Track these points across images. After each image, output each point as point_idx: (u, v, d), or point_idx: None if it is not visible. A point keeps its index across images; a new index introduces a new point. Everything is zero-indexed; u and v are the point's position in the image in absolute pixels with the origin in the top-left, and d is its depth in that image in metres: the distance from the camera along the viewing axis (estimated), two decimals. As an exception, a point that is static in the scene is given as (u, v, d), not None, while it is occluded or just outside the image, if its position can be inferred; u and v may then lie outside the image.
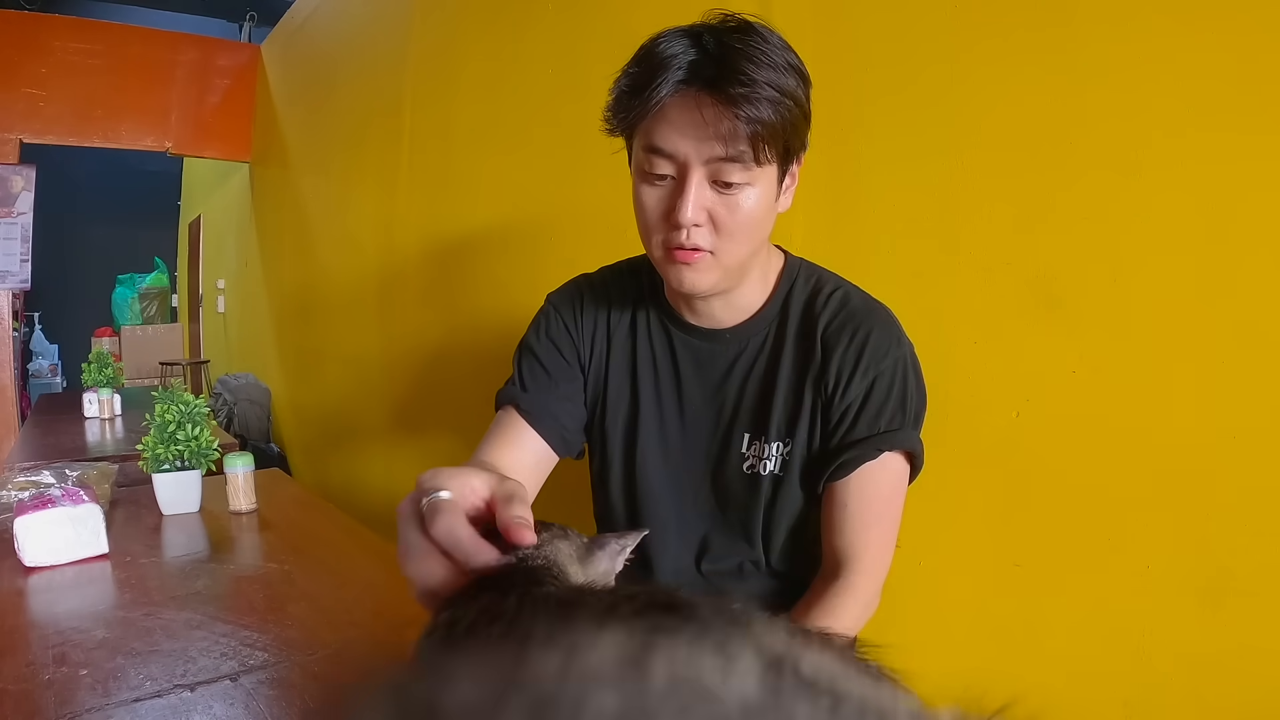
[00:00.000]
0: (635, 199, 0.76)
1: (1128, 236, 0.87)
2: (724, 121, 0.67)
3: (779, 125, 0.68)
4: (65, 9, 4.02)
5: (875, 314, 0.82)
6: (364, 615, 0.89)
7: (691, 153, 0.69)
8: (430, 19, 2.34)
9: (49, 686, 0.70)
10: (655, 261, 0.78)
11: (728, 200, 0.72)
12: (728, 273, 0.76)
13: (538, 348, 0.89)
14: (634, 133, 0.74)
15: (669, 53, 0.68)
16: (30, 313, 6.29)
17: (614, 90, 0.73)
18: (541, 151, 1.82)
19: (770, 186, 0.74)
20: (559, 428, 0.86)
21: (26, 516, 1.00)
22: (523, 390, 0.87)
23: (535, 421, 0.85)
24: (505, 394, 0.88)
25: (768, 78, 0.67)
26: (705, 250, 0.73)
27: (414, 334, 2.43)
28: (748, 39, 0.68)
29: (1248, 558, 0.79)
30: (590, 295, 0.91)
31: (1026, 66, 0.95)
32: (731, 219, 0.72)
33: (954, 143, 1.02)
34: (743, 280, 0.81)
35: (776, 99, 0.67)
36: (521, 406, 0.85)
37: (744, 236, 0.74)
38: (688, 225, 0.71)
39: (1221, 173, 0.80)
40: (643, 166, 0.73)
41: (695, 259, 0.74)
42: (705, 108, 0.67)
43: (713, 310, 0.84)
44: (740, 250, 0.75)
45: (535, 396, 0.86)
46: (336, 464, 3.18)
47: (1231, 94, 0.79)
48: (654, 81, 0.68)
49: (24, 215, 3.47)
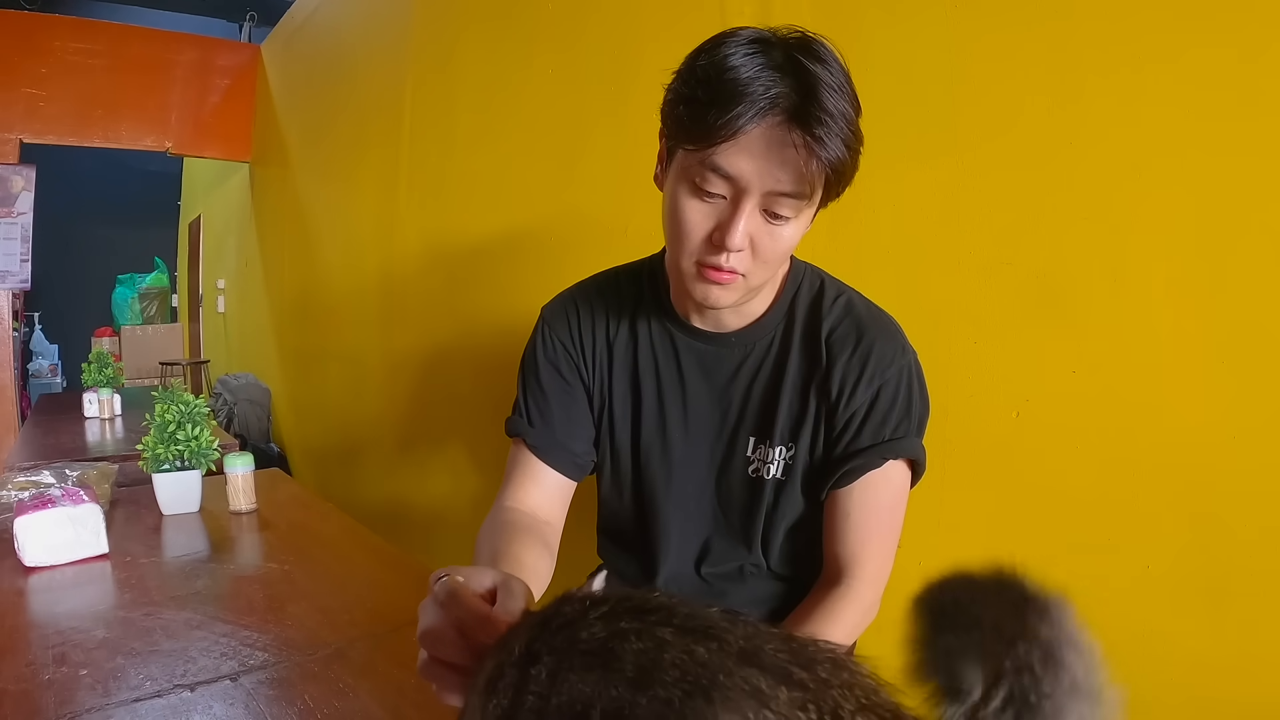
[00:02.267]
0: (673, 207, 0.73)
1: (1128, 236, 0.87)
2: (801, 159, 0.65)
3: (849, 165, 0.68)
4: (65, 9, 4.02)
5: (879, 322, 0.82)
6: (364, 615, 0.88)
7: (755, 182, 0.67)
8: (430, 19, 2.34)
9: (49, 686, 0.70)
10: (681, 273, 0.76)
11: (773, 231, 0.70)
12: (751, 291, 0.77)
13: (540, 371, 0.89)
14: (692, 144, 0.69)
15: (748, 75, 0.64)
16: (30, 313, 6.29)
17: (682, 101, 0.69)
18: (541, 151, 1.82)
19: (808, 220, 0.73)
20: (570, 456, 0.88)
21: (26, 516, 1.00)
22: (529, 425, 0.88)
23: (545, 456, 0.87)
24: (514, 426, 0.89)
25: (843, 112, 0.66)
26: (740, 274, 0.73)
27: (414, 334, 2.43)
28: (827, 67, 0.66)
29: (1248, 558, 0.79)
30: (585, 306, 0.90)
31: (1027, 67, 0.95)
32: (773, 248, 0.71)
33: (954, 143, 1.02)
34: (757, 293, 0.81)
35: (850, 138, 0.67)
36: (529, 442, 0.87)
37: (778, 262, 0.74)
38: (733, 249, 0.70)
39: (1221, 172, 0.80)
40: (694, 180, 0.69)
41: (725, 280, 0.72)
42: (786, 146, 0.65)
43: (721, 316, 0.83)
44: (769, 273, 0.75)
45: (541, 431, 0.87)
46: (336, 464, 3.18)
47: (1232, 94, 0.79)
48: (735, 107, 0.64)
49: (24, 215, 3.47)
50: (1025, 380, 0.96)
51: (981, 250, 1.00)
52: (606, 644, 0.29)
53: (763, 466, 0.83)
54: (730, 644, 0.28)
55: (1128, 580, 0.88)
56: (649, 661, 0.27)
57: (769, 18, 1.25)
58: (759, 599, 0.88)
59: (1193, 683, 0.83)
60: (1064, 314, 0.92)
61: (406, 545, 1.92)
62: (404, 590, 0.98)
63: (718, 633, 0.28)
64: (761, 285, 0.77)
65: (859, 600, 0.79)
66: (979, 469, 1.01)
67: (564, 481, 0.88)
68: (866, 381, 0.79)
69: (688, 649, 0.27)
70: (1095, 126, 0.89)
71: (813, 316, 0.83)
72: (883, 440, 0.79)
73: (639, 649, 0.28)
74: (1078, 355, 0.91)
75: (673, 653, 0.27)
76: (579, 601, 0.34)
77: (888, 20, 1.10)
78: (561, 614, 0.34)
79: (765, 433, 0.83)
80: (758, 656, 0.27)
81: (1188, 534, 0.83)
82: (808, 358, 0.82)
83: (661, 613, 0.30)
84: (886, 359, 0.79)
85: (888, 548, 0.82)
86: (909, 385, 0.80)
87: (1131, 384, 0.87)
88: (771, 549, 0.85)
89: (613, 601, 0.32)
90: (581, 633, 0.31)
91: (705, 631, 0.28)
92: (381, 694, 0.70)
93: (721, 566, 0.88)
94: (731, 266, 0.71)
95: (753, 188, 0.67)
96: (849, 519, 0.80)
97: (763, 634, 0.28)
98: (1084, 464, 0.91)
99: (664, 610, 0.30)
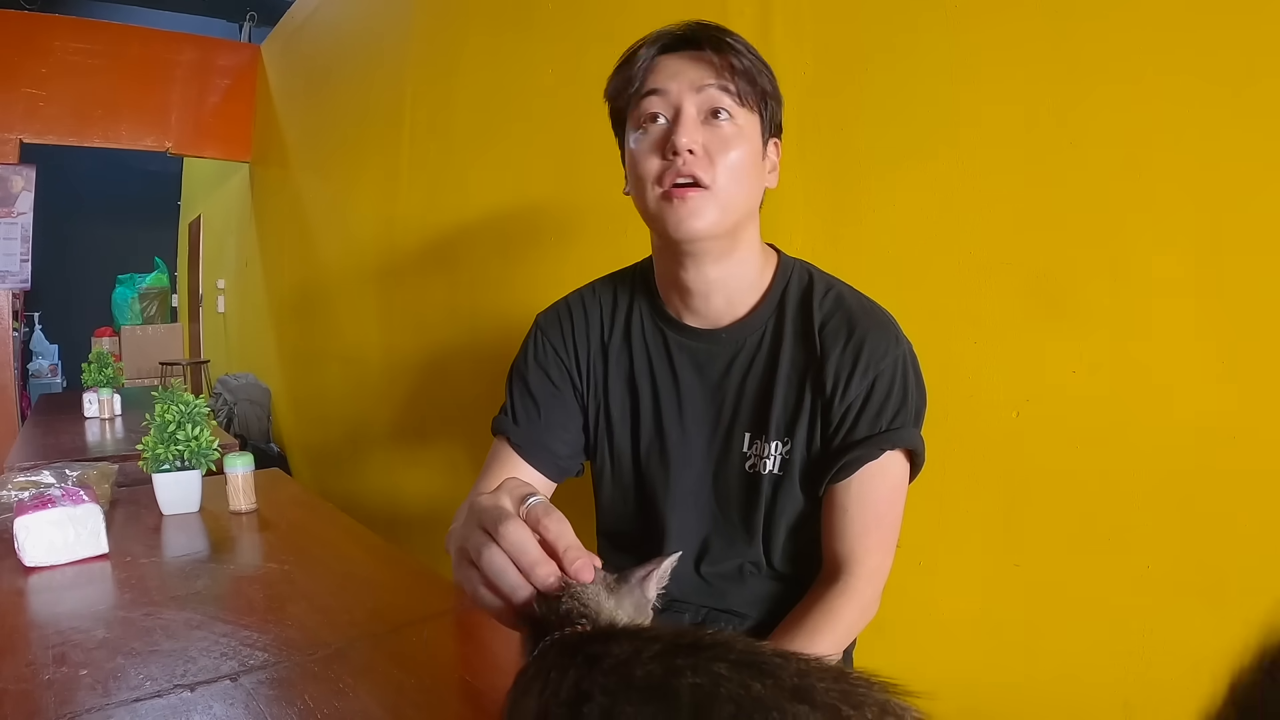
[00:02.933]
0: (631, 159, 0.79)
1: (1128, 236, 0.87)
2: (709, 62, 0.75)
3: (754, 72, 0.76)
4: (65, 9, 4.02)
5: (871, 314, 0.82)
6: (364, 615, 0.88)
7: (685, 82, 0.75)
8: (431, 19, 2.35)
9: (49, 686, 0.70)
10: (652, 215, 0.79)
11: (719, 132, 0.75)
12: (724, 212, 0.76)
13: (527, 374, 0.91)
14: (628, 104, 0.79)
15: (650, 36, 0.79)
16: (30, 313, 6.29)
17: (609, 86, 0.82)
18: (541, 150, 1.82)
19: (755, 139, 0.78)
20: (552, 458, 0.89)
21: (26, 516, 1.00)
22: (514, 423, 0.89)
23: (528, 455, 0.88)
24: (499, 424, 0.91)
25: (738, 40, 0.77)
26: (702, 184, 0.75)
27: (414, 333, 2.43)
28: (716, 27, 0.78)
29: (1248, 558, 0.79)
30: (579, 313, 0.91)
31: (1027, 66, 0.95)
32: (724, 149, 0.75)
33: (954, 142, 1.02)
34: (738, 244, 0.80)
35: (749, 51, 0.77)
36: (513, 440, 0.88)
37: (737, 174, 0.76)
38: (683, 150, 0.74)
39: (1222, 172, 0.80)
40: (638, 120, 0.78)
41: (691, 195, 0.75)
42: (700, 61, 0.76)
43: (707, 307, 0.83)
44: (734, 191, 0.76)
45: (526, 430, 0.89)
46: (336, 464, 3.18)
47: (1232, 93, 0.79)
48: (640, 49, 0.78)
49: (24, 215, 3.47)
50: (1025, 380, 0.96)
51: (981, 250, 1.00)
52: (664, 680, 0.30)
53: (759, 462, 0.83)
54: (784, 681, 0.28)
55: (1128, 580, 0.88)
56: (705, 696, 0.28)
57: (769, 17, 1.25)
58: (758, 599, 0.88)
59: (1192, 682, 0.83)
60: (1064, 314, 0.92)
61: (406, 545, 1.92)
62: (404, 590, 0.98)
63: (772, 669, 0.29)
64: (733, 206, 0.77)
65: (858, 597, 0.79)
66: (979, 469, 1.01)
67: (544, 482, 0.88)
68: (861, 373, 0.79)
69: (744, 684, 0.28)
70: (1095, 126, 0.89)
71: (804, 310, 0.83)
72: (880, 431, 0.78)
73: (694, 684, 0.29)
74: (1078, 355, 0.91)
75: (729, 687, 0.28)
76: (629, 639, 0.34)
77: (888, 20, 1.10)
78: (612, 654, 0.33)
79: (760, 428, 0.83)
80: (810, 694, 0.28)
81: (1188, 534, 0.83)
82: (801, 352, 0.82)
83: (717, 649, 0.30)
84: (880, 350, 0.79)
85: (887, 543, 0.81)
86: (904, 375, 0.80)
87: (1131, 384, 0.87)
88: (773, 547, 0.85)
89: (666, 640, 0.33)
90: (637, 671, 0.31)
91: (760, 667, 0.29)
92: (381, 694, 0.70)
93: (721, 565, 0.87)
94: (691, 172, 0.74)
95: (683, 87, 0.75)
96: (847, 514, 0.80)
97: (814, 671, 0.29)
98: (1084, 464, 0.91)
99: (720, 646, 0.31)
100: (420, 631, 0.83)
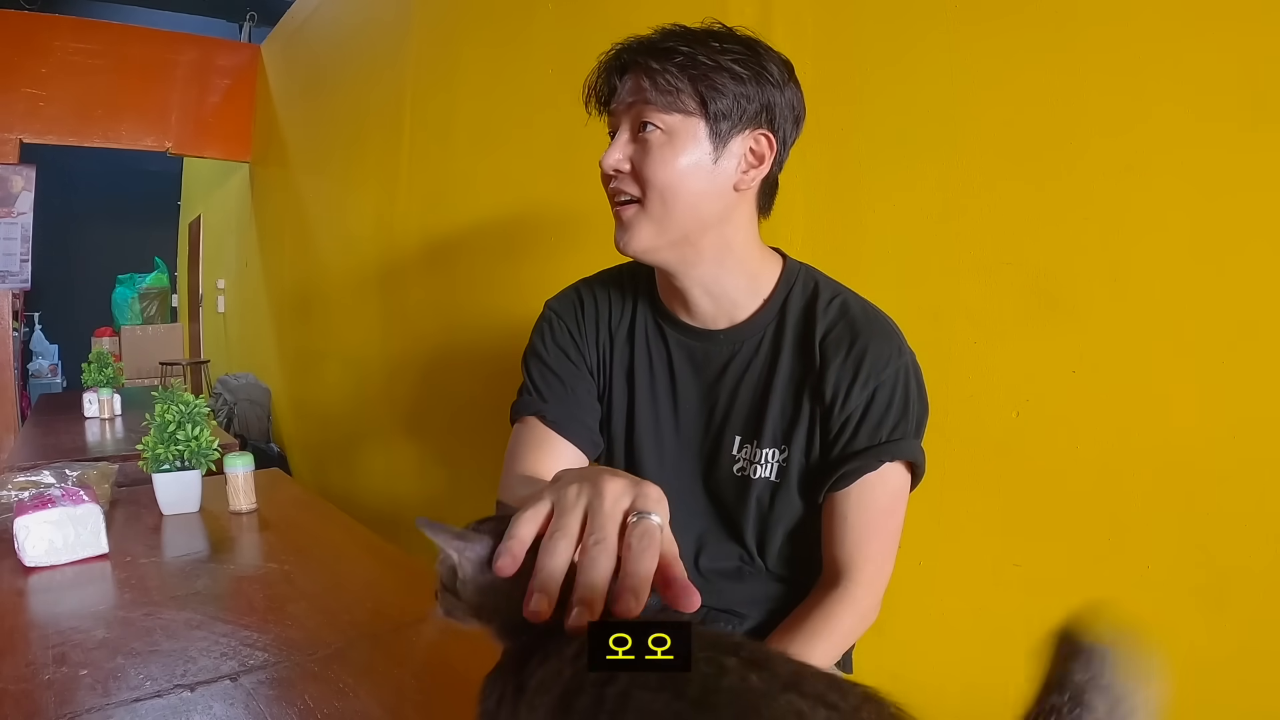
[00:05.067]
0: None
1: (1128, 236, 0.87)
2: (639, 75, 0.75)
3: (683, 69, 0.72)
4: (65, 9, 4.02)
5: (875, 323, 0.80)
6: (364, 615, 0.88)
7: (621, 106, 0.77)
8: (431, 19, 2.35)
9: (49, 686, 0.70)
10: None
11: (645, 143, 0.75)
12: (661, 225, 0.76)
13: (547, 355, 0.89)
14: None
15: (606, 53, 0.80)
16: (30, 313, 6.29)
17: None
18: (541, 151, 1.82)
19: (696, 144, 0.74)
20: (587, 431, 0.87)
21: (26, 516, 1.00)
22: (543, 400, 0.86)
23: (564, 430, 0.85)
24: (525, 405, 0.87)
25: (678, 38, 0.74)
26: (632, 201, 0.76)
27: (414, 333, 2.43)
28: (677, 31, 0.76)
29: (1248, 558, 0.79)
30: (590, 299, 0.91)
31: (1027, 67, 0.95)
32: (647, 163, 0.74)
33: (954, 143, 1.02)
34: (703, 252, 0.79)
35: (683, 49, 0.73)
36: (548, 418, 0.85)
37: (668, 184, 0.74)
38: (608, 171, 0.76)
39: (1221, 172, 0.80)
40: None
41: (627, 214, 0.76)
42: (632, 74, 0.76)
43: (702, 309, 0.83)
44: (669, 202, 0.75)
45: (557, 406, 0.86)
46: (336, 464, 3.18)
47: (1232, 93, 0.79)
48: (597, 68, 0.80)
49: (24, 215, 3.47)
50: (1025, 380, 0.96)
51: (981, 250, 1.00)
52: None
53: (749, 466, 0.83)
54: (780, 674, 0.32)
55: (1128, 580, 0.88)
56: (711, 685, 0.32)
57: (769, 17, 1.25)
58: (757, 599, 0.88)
59: (1192, 682, 0.83)
60: (1064, 314, 0.92)
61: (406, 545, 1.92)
62: (404, 590, 0.98)
63: (770, 664, 0.33)
64: (672, 224, 0.76)
65: (855, 604, 0.79)
66: (979, 469, 1.01)
67: (580, 458, 0.85)
68: (861, 384, 0.78)
69: (744, 675, 0.32)
70: (1095, 126, 0.89)
71: (807, 318, 0.82)
72: (879, 442, 0.78)
73: (703, 674, 0.32)
74: (1078, 355, 0.91)
75: (731, 679, 0.32)
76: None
77: (888, 20, 1.10)
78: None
79: (752, 432, 0.83)
80: (800, 685, 0.31)
81: (1188, 534, 0.83)
82: (801, 360, 0.81)
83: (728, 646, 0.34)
84: (882, 360, 0.78)
85: (886, 551, 0.81)
86: (906, 387, 0.79)
87: (1131, 384, 0.87)
88: (769, 551, 0.85)
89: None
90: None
91: (760, 663, 0.33)
92: (381, 694, 0.70)
93: (719, 563, 0.87)
94: (618, 188, 0.76)
95: (619, 107, 0.77)
96: (846, 522, 0.79)
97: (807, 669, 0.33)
98: (1084, 464, 0.91)
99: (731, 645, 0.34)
100: (420, 631, 0.83)
